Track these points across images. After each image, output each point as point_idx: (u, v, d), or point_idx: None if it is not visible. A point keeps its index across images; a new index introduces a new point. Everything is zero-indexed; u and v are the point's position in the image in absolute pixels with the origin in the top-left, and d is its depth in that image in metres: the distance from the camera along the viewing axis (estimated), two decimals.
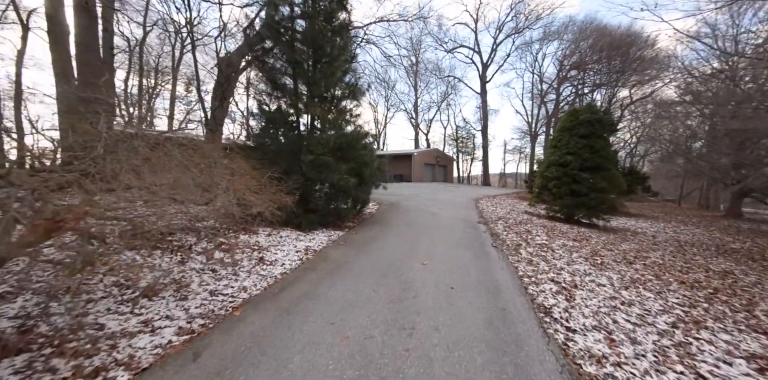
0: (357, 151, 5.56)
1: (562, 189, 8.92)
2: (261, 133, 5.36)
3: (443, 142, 42.48)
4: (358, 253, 4.13)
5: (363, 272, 3.42)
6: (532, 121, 33.17)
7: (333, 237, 4.92)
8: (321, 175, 4.99)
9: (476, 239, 5.35)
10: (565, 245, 5.33)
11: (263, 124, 5.36)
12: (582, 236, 6.50)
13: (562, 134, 9.48)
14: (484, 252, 4.47)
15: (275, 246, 3.97)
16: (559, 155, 9.26)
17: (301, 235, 4.76)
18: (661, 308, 2.89)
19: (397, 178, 25.53)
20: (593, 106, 9.21)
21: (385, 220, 6.76)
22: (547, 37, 27.49)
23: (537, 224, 7.56)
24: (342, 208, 5.44)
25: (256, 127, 5.65)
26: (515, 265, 3.97)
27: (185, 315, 2.18)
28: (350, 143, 5.38)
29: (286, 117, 5.37)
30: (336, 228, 5.57)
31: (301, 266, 3.50)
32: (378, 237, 5.16)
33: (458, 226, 6.43)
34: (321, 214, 5.26)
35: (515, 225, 7.08)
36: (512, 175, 45.59)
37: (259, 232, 4.53)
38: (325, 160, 4.94)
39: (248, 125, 5.22)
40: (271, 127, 5.30)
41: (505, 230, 6.34)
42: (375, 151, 6.53)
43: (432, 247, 4.59)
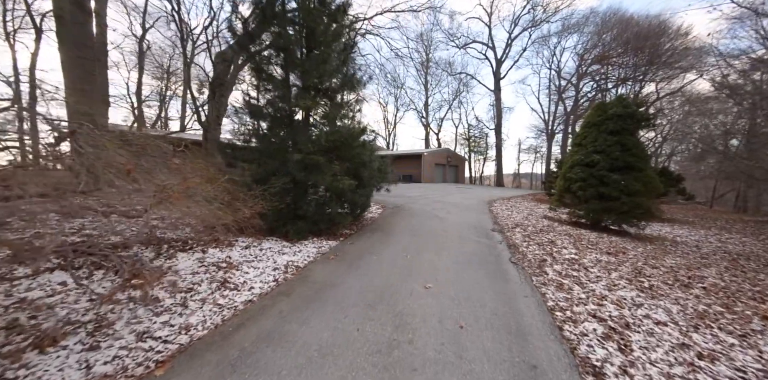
0: (353, 149, 4.87)
1: (587, 192, 7.97)
2: (246, 129, 4.76)
3: (454, 142, 41.41)
4: (348, 270, 3.44)
5: (349, 298, 2.73)
6: (548, 119, 31.72)
7: (323, 249, 4.25)
8: (311, 176, 4.33)
9: (491, 252, 4.56)
10: (600, 261, 4.47)
11: (248, 119, 4.76)
12: (616, 247, 5.60)
13: (588, 130, 8.51)
14: (501, 271, 3.69)
15: (250, 263, 3.33)
16: (584, 154, 8.30)
17: (286, 247, 4.11)
18: (761, 366, 2.06)
19: (407, 178, 24.78)
20: (624, 98, 8.19)
21: (387, 227, 6.05)
22: (566, 31, 26.11)
23: (560, 232, 6.67)
24: (337, 214, 4.76)
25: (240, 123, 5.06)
26: (542, 290, 3.18)
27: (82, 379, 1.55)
28: (345, 141, 4.70)
29: (275, 111, 4.75)
30: (329, 236, 4.90)
31: (275, 290, 2.84)
32: (376, 248, 4.46)
33: (469, 235, 5.65)
34: (312, 221, 4.60)
35: (536, 233, 6.23)
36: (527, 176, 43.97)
37: (236, 244, 3.91)
38: (314, 160, 4.28)
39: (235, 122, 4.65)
40: (257, 122, 4.69)
41: (525, 240, 5.51)
42: (376, 150, 5.83)
43: (438, 263, 3.85)
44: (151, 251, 3.14)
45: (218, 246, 3.64)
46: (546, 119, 32.25)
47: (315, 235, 4.80)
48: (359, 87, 5.58)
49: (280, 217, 4.46)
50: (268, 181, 4.33)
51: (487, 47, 30.69)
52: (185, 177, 2.67)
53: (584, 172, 8.14)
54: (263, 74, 4.64)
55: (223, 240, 3.81)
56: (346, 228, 5.65)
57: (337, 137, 4.65)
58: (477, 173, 40.33)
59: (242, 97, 4.97)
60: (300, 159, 4.21)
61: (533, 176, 41.26)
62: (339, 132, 4.68)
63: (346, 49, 5.64)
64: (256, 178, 4.40)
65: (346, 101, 5.75)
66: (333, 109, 4.95)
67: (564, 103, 28.06)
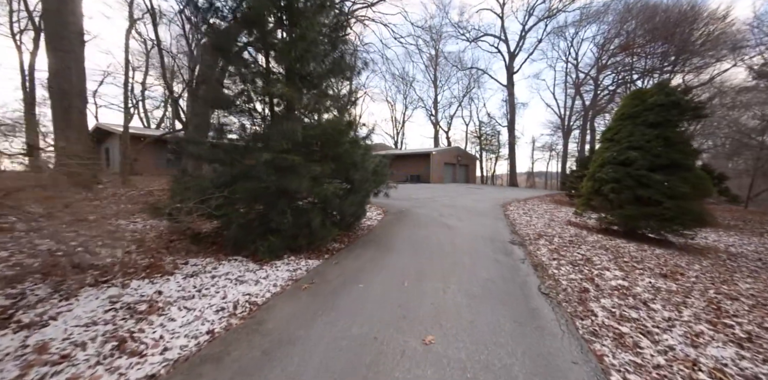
0: (340, 146, 3.96)
1: (622, 195, 6.82)
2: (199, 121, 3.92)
3: (465, 140, 40.06)
4: (321, 310, 2.53)
5: (308, 366, 1.83)
6: (564, 115, 30.08)
7: (299, 273, 3.36)
8: (284, 180, 3.44)
9: (513, 276, 3.57)
10: (657, 288, 3.42)
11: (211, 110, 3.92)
12: (668, 265, 4.50)
13: (622, 123, 7.34)
14: (530, 311, 2.70)
15: (187, 300, 2.46)
16: (617, 151, 7.14)
17: (250, 271, 3.24)
18: None
19: (414, 179, 23.77)
20: (666, 85, 6.99)
21: (385, 238, 5.12)
22: (584, 20, 24.48)
23: (593, 244, 5.58)
24: (320, 226, 3.86)
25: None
26: (596, 347, 2.18)
27: None
28: (330, 136, 3.80)
29: (244, 101, 3.89)
30: (311, 253, 4.01)
31: (203, 351, 1.96)
32: (366, 271, 3.54)
33: (484, 250, 4.66)
34: (289, 236, 3.72)
35: (564, 247, 5.17)
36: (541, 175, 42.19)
37: (183, 269, 3.06)
38: (288, 160, 3.39)
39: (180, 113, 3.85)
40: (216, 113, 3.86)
41: (553, 257, 4.47)
42: (371, 149, 4.91)
43: (444, 297, 2.89)
44: (50, 286, 2.32)
45: (154, 273, 2.79)
46: (562, 115, 30.60)
47: (293, 252, 3.92)
48: (351, 73, 4.68)
49: (248, 232, 3.61)
50: (231, 187, 3.48)
51: (500, 40, 29.28)
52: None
53: (618, 172, 6.98)
54: (228, 54, 3.78)
55: (163, 266, 2.97)
56: (335, 240, 4.75)
57: (318, 132, 3.75)
58: (488, 172, 38.86)
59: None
60: (269, 159, 3.33)
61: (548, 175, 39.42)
62: (321, 126, 3.79)
63: (337, 29, 4.75)
64: (218, 183, 3.56)
65: (339, 94, 4.87)
66: (317, 99, 4.06)
67: (582, 98, 26.40)
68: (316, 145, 3.92)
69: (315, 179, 3.74)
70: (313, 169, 3.55)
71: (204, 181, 3.50)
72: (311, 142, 3.83)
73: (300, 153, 3.76)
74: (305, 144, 3.82)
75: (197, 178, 3.55)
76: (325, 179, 4.02)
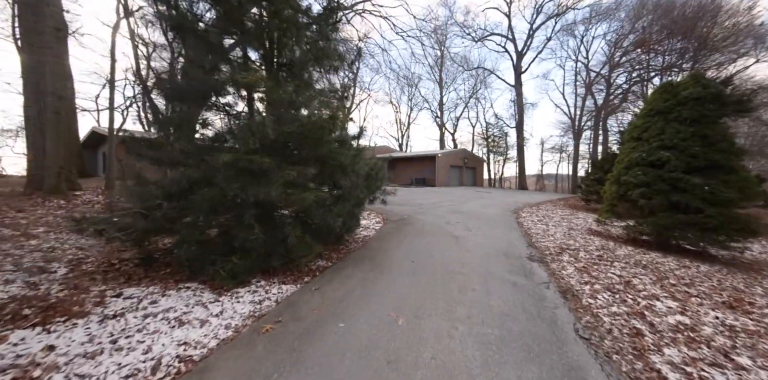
0: (323, 146, 3.27)
1: (654, 200, 5.98)
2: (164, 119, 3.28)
3: (472, 142, 39.21)
4: (277, 372, 1.82)
5: None
6: (575, 115, 29.06)
7: (266, 305, 2.65)
8: (251, 187, 2.76)
9: (538, 311, 2.80)
10: (730, 327, 2.61)
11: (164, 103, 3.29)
12: (724, 288, 3.66)
13: (651, 120, 6.52)
14: (569, 370, 1.94)
15: (90, 358, 1.76)
16: (646, 151, 6.31)
17: (202, 304, 2.54)
18: None
19: (419, 182, 23.03)
20: (701, 76, 6.16)
21: (380, 254, 4.39)
22: (595, 17, 23.60)
23: (625, 259, 4.76)
24: (298, 243, 3.15)
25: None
26: None
27: None
28: (309, 134, 3.12)
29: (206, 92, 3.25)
30: (288, 276, 3.30)
31: None
32: (350, 303, 2.81)
33: (497, 270, 3.90)
34: (259, 256, 3.03)
35: (594, 264, 4.37)
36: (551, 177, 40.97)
37: (108, 303, 2.38)
38: (254, 162, 2.71)
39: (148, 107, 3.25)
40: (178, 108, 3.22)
41: (584, 279, 3.68)
42: (362, 150, 4.22)
43: (448, 347, 2.15)
44: None
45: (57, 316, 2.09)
46: (572, 116, 29.56)
47: (265, 275, 3.22)
48: (339, 62, 4.02)
49: (207, 251, 2.93)
50: (186, 196, 2.82)
51: (507, 39, 28.53)
52: None
53: (648, 175, 6.15)
54: (188, 35, 3.14)
55: (79, 302, 2.29)
56: (321, 257, 4.04)
57: (295, 129, 3.07)
58: (496, 175, 37.83)
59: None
60: (230, 161, 2.65)
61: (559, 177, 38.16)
62: (299, 121, 3.11)
63: (326, 13, 4.11)
64: (171, 191, 2.90)
65: (332, 89, 4.22)
66: (297, 90, 3.39)
67: (594, 97, 25.38)
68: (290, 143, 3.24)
69: (291, 185, 3.05)
70: (288, 173, 2.86)
71: (152, 188, 2.85)
72: (287, 140, 3.15)
73: (273, 154, 3.09)
74: (281, 143, 3.14)
75: (142, 185, 2.90)
76: (305, 185, 3.33)
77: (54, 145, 7.55)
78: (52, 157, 7.64)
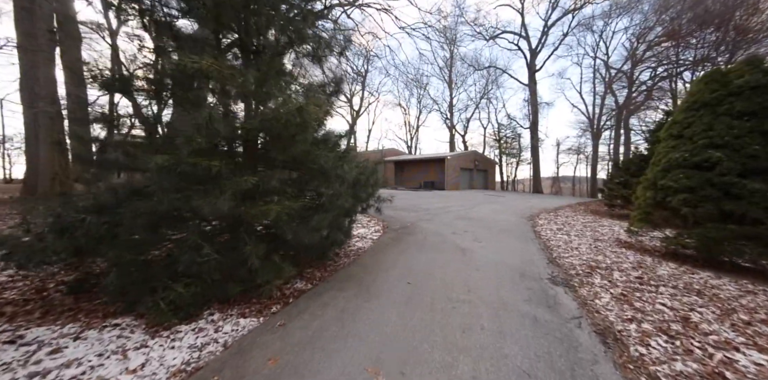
0: (294, 147, 2.66)
1: (701, 209, 5.06)
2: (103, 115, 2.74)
3: (483, 144, 38.06)
4: None
5: None
6: (593, 115, 27.62)
7: (207, 351, 2.04)
8: (192, 199, 2.17)
9: (570, 365, 2.05)
10: None
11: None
12: None
13: (695, 114, 5.60)
14: None
15: None
16: (690, 150, 5.40)
17: (121, 353, 1.93)
18: None
19: (428, 185, 22.25)
20: (759, 60, 5.22)
21: (372, 273, 3.73)
22: (615, 11, 22.31)
23: (671, 281, 3.91)
24: (263, 266, 2.54)
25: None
26: None
27: None
28: (277, 131, 2.51)
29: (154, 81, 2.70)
30: (252, 305, 2.68)
31: None
32: (319, 348, 2.16)
33: (513, 298, 3.15)
34: (212, 282, 2.43)
35: (634, 289, 3.55)
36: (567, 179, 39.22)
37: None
38: (198, 166, 2.13)
39: None
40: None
41: (626, 313, 2.89)
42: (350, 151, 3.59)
43: None
44: None
45: None
46: (591, 115, 28.10)
47: (223, 306, 2.62)
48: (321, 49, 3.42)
49: (148, 277, 2.35)
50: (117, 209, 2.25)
51: (520, 37, 27.51)
52: None
53: (692, 179, 5.23)
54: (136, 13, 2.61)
55: None
56: (301, 277, 3.41)
57: (257, 124, 2.47)
58: (509, 178, 36.47)
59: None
60: (165, 165, 2.07)
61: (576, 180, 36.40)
62: (262, 115, 2.51)
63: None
64: (103, 203, 2.34)
65: (322, 83, 3.64)
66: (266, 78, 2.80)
67: (615, 95, 23.95)
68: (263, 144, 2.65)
69: (254, 195, 2.45)
70: (244, 180, 2.25)
71: (74, 199, 2.31)
72: (248, 138, 2.56)
73: (232, 156, 2.50)
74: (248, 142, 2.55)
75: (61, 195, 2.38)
76: (280, 193, 2.73)
77: (48, 150, 7.33)
78: (46, 161, 7.43)
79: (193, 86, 2.53)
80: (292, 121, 2.32)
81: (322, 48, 3.53)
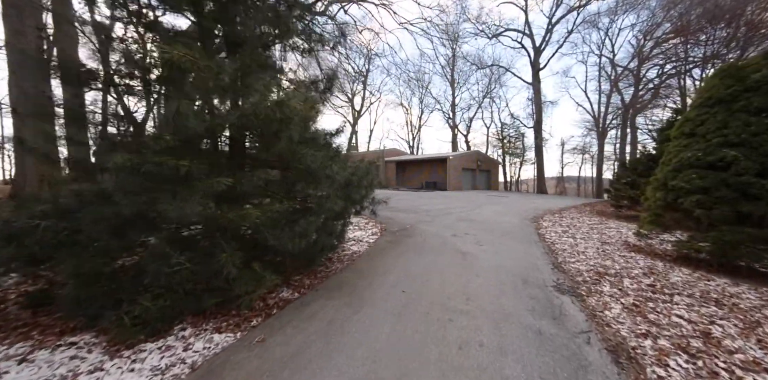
0: (283, 143, 2.45)
1: (716, 210, 4.78)
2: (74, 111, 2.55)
3: (486, 144, 37.69)
4: None
5: None
6: (599, 114, 27.16)
7: (172, 374, 1.84)
8: (160, 202, 1.97)
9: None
10: None
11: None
12: None
13: (709, 111, 5.31)
14: None
15: None
16: (704, 149, 5.12)
17: (71, 378, 1.76)
18: None
19: (430, 186, 21.99)
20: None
21: (365, 279, 3.51)
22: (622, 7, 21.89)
23: (686, 289, 3.65)
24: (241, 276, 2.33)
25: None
26: None
27: None
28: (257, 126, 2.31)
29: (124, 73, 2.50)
30: (229, 319, 2.47)
31: None
32: (296, 373, 1.95)
33: (515, 308, 2.92)
34: (184, 294, 2.23)
35: (646, 298, 3.30)
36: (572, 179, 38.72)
37: None
38: (165, 166, 1.92)
39: None
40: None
41: (639, 327, 2.64)
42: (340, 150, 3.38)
43: None
44: None
45: None
46: (596, 114, 27.64)
47: (197, 319, 2.41)
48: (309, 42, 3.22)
49: (113, 288, 2.15)
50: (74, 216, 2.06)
51: (524, 35, 27.14)
52: None
53: (706, 179, 4.94)
54: None
55: None
56: (288, 284, 3.20)
57: (235, 120, 2.26)
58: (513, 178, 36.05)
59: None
60: (126, 164, 1.87)
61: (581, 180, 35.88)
62: (241, 110, 2.30)
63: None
64: (62, 207, 2.14)
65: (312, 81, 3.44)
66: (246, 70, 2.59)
67: (621, 94, 23.50)
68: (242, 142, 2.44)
69: (229, 198, 2.24)
70: (217, 181, 2.05)
71: (29, 202, 2.12)
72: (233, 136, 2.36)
73: (211, 154, 2.30)
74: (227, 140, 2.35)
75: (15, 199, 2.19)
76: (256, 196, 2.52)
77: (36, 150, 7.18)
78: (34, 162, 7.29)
79: (165, 79, 2.33)
80: (271, 116, 2.11)
81: (313, 41, 3.33)
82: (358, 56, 26.29)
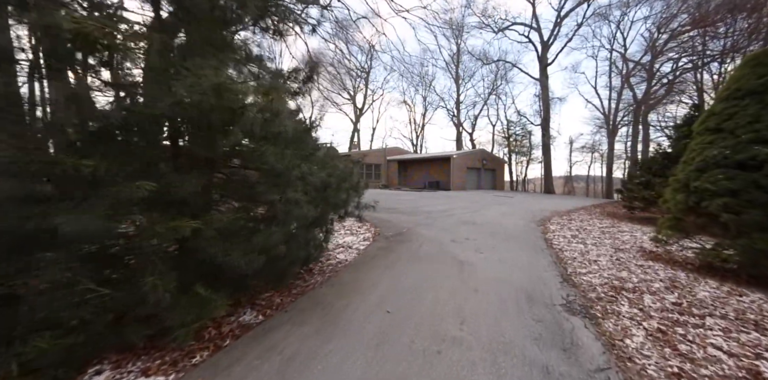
0: (231, 138, 2.02)
1: (745, 215, 4.23)
2: None
3: (491, 142, 36.93)
4: None
5: None
6: (609, 110, 26.27)
7: None
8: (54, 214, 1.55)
9: None
10: None
11: None
12: None
13: (738, 104, 4.74)
14: None
15: None
16: (732, 146, 4.56)
17: None
18: None
19: (433, 185, 21.48)
20: None
21: (344, 298, 3.07)
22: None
23: (716, 307, 3.13)
24: (181, 301, 1.92)
25: None
26: None
27: None
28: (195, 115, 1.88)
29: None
30: (166, 355, 2.05)
31: None
32: None
33: (517, 337, 2.44)
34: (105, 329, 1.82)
35: (674, 322, 2.80)
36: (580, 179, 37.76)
37: None
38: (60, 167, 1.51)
39: None
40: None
41: (671, 364, 2.15)
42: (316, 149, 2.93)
43: None
44: None
45: None
46: (606, 111, 26.74)
47: (124, 355, 2.00)
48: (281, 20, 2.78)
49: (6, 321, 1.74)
50: None
51: (531, 29, 26.33)
52: None
53: (735, 180, 4.39)
54: None
55: None
56: (253, 306, 2.78)
57: (166, 109, 1.84)
58: (519, 177, 35.25)
59: None
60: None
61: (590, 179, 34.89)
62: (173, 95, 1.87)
63: None
64: None
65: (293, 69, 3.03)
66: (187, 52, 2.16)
67: (633, 90, 22.60)
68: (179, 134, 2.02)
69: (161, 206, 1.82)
70: (136, 186, 1.62)
71: None
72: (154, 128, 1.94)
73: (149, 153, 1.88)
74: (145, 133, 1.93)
75: None
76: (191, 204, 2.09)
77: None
78: None
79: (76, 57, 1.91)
80: (205, 103, 1.68)
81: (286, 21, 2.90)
82: (359, 52, 25.78)
